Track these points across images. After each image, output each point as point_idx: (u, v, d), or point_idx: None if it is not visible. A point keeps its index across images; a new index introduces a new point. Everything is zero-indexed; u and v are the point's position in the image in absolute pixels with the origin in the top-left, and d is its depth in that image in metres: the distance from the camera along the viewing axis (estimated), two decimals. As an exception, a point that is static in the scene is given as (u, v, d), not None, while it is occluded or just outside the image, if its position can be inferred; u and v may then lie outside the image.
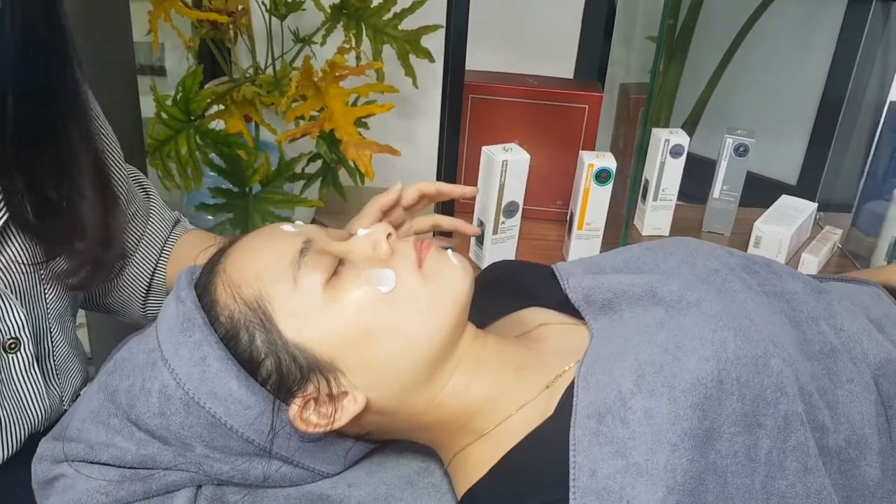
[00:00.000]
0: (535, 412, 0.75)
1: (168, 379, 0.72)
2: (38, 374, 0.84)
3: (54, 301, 0.86)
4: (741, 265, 0.87)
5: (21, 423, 0.83)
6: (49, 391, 0.86)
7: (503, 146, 1.32)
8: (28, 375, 0.83)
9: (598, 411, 0.70)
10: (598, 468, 0.67)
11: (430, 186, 1.03)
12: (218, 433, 0.73)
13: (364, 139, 1.80)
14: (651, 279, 0.82)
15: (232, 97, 1.94)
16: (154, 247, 1.00)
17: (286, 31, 2.09)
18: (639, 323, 0.79)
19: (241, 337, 0.72)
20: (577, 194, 1.35)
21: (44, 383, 0.85)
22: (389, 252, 0.77)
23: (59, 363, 0.88)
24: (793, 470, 0.69)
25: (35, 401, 0.85)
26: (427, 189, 1.03)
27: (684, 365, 0.70)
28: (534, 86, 1.48)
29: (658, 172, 1.47)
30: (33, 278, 0.82)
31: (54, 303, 0.86)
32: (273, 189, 1.90)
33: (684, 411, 0.68)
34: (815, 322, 0.82)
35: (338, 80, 1.87)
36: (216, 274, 0.76)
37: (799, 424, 0.70)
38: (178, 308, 0.74)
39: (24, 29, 0.68)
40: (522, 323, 0.88)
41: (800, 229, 1.45)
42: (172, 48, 2.37)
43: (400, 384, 0.74)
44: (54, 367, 0.88)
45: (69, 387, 0.90)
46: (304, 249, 0.74)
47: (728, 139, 1.46)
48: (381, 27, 1.98)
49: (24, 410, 0.83)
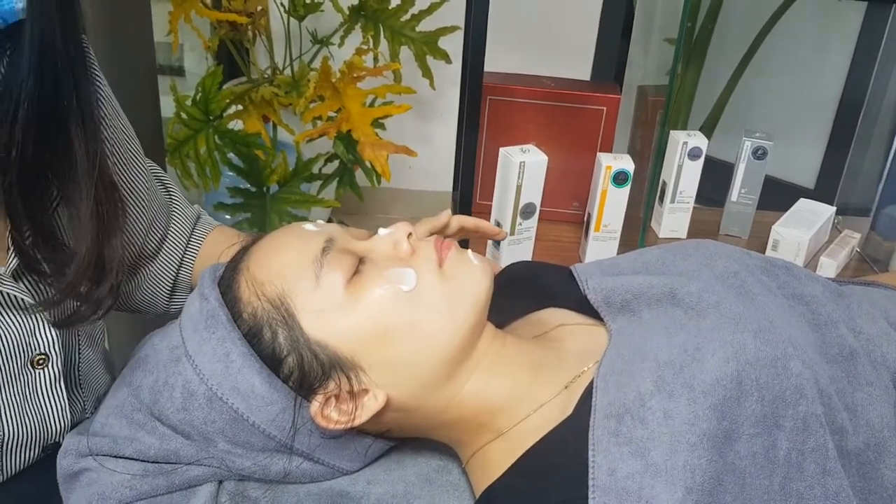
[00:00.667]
0: (553, 412, 0.75)
1: (191, 375, 0.73)
2: (62, 390, 0.82)
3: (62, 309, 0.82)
4: (760, 267, 0.87)
5: (40, 437, 0.81)
6: (72, 404, 0.85)
7: (521, 147, 1.32)
8: (53, 391, 0.81)
9: (618, 411, 0.70)
10: (617, 468, 0.67)
11: (470, 222, 1.05)
12: (240, 429, 0.73)
13: (381, 140, 1.81)
14: (670, 281, 0.82)
15: (250, 97, 1.95)
16: (178, 245, 1.00)
17: (304, 32, 2.10)
18: (658, 324, 0.79)
19: (263, 334, 0.73)
20: (595, 196, 1.35)
21: (67, 398, 0.83)
22: (410, 251, 0.78)
23: (84, 373, 0.87)
24: (811, 472, 0.69)
25: (57, 416, 0.82)
26: (467, 224, 1.05)
27: (704, 366, 0.70)
28: (551, 87, 1.48)
29: (676, 175, 1.47)
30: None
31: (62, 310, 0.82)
32: (290, 189, 1.92)
33: (704, 412, 0.68)
34: (834, 325, 0.82)
35: (355, 81, 1.88)
36: (239, 272, 0.77)
37: (818, 426, 0.70)
38: (201, 305, 0.75)
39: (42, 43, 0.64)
40: (541, 323, 0.89)
41: (818, 233, 1.44)
42: (192, 48, 2.39)
43: (420, 382, 0.75)
44: (78, 377, 0.86)
45: (92, 395, 0.89)
46: (327, 248, 0.75)
47: (746, 142, 1.46)
48: (399, 28, 1.99)
49: (45, 425, 0.81)
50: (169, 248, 0.99)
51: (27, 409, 0.79)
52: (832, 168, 2.65)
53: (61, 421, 0.82)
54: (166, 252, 0.99)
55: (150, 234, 0.95)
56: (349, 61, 1.87)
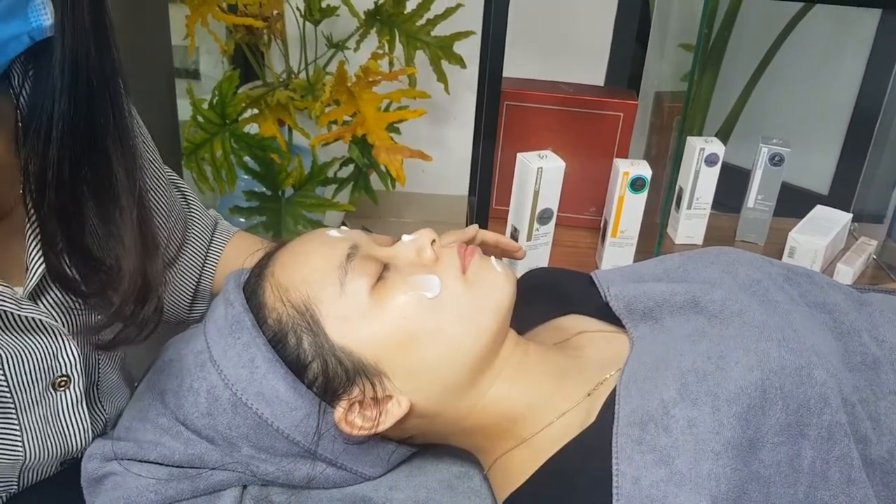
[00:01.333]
0: (576, 419, 0.75)
1: (216, 380, 0.73)
2: (84, 411, 0.79)
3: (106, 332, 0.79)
4: (782, 275, 0.87)
5: (61, 455, 0.80)
6: (95, 423, 0.82)
7: (538, 153, 1.32)
8: (74, 412, 0.79)
9: (641, 419, 0.70)
10: (641, 476, 0.67)
11: (491, 237, 1.04)
12: (264, 434, 0.74)
13: (396, 144, 1.82)
14: (693, 288, 0.82)
15: (266, 101, 1.96)
16: (198, 253, 1.00)
17: (320, 37, 2.11)
18: (681, 332, 0.79)
19: (288, 339, 0.74)
20: (612, 202, 1.35)
21: (89, 417, 0.81)
22: (434, 258, 0.78)
23: (104, 391, 0.85)
24: (836, 480, 0.69)
25: (78, 437, 0.80)
26: (487, 238, 1.03)
27: (728, 374, 0.70)
28: (569, 93, 1.49)
29: (693, 181, 1.47)
30: (85, 308, 0.77)
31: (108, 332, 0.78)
32: (305, 193, 1.92)
33: (728, 420, 0.68)
34: (856, 333, 0.82)
35: (371, 86, 1.88)
36: (264, 277, 0.77)
37: (843, 435, 0.70)
38: (226, 310, 0.76)
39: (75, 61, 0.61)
40: (562, 330, 0.89)
41: (834, 240, 1.44)
42: (208, 52, 2.40)
43: (443, 389, 0.75)
44: (98, 395, 0.84)
45: (114, 411, 0.86)
46: (351, 255, 0.76)
47: (763, 148, 1.46)
48: (415, 33, 2.00)
49: (66, 445, 0.80)
50: (189, 256, 0.99)
51: (48, 432, 0.77)
52: (847, 175, 2.64)
53: (82, 440, 0.81)
54: (186, 260, 0.99)
55: (170, 241, 0.95)
56: (364, 66, 1.88)
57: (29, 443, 0.75)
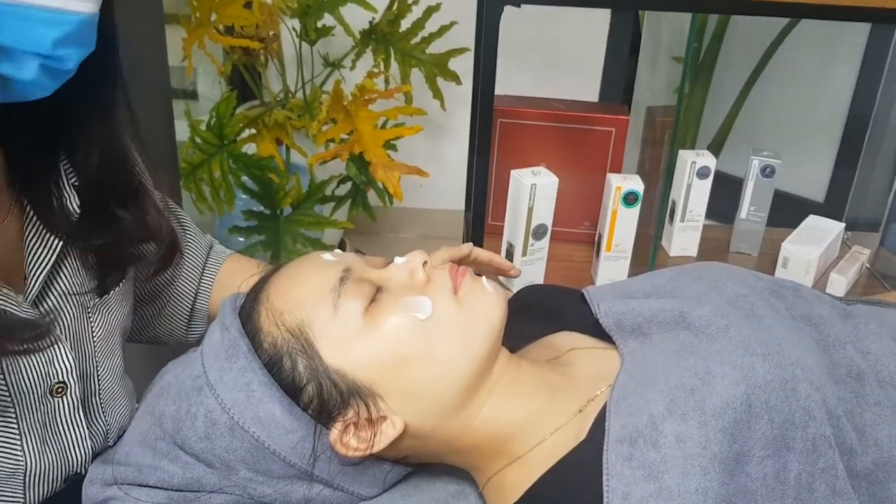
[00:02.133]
0: (568, 436, 0.77)
1: (213, 404, 0.75)
2: (82, 419, 0.82)
3: (103, 338, 0.85)
4: (769, 290, 0.89)
5: (62, 467, 0.82)
6: (92, 434, 0.85)
7: (531, 169, 1.34)
8: (72, 419, 0.81)
9: (630, 435, 0.71)
10: (631, 492, 0.68)
11: (484, 255, 1.08)
12: (261, 457, 0.75)
13: (393, 161, 1.83)
14: (680, 304, 0.83)
15: (263, 121, 1.98)
16: (193, 274, 1.02)
17: (316, 56, 2.13)
18: (669, 348, 0.80)
19: (283, 363, 0.75)
20: (605, 217, 1.37)
21: (87, 427, 0.83)
22: (426, 279, 0.80)
23: (105, 402, 0.87)
24: (822, 493, 0.70)
25: (77, 446, 0.83)
26: (480, 256, 1.07)
27: (714, 389, 0.72)
28: (561, 109, 1.50)
29: (685, 194, 1.48)
30: (80, 317, 0.82)
31: (102, 340, 0.85)
32: (304, 211, 1.94)
33: (715, 435, 0.69)
34: (842, 346, 0.83)
35: (367, 104, 1.90)
36: (259, 302, 0.79)
37: (827, 447, 0.71)
38: (223, 335, 0.77)
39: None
40: (553, 347, 0.90)
41: (828, 250, 1.45)
42: (205, 73, 2.42)
43: (437, 409, 0.76)
44: (100, 405, 0.86)
45: (115, 424, 0.88)
46: (344, 278, 0.77)
47: (754, 160, 1.48)
48: (410, 51, 2.02)
49: (66, 455, 0.82)
50: (184, 279, 1.01)
51: (48, 440, 0.79)
52: (843, 182, 2.66)
53: (82, 451, 0.83)
54: (182, 282, 1.01)
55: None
56: (361, 84, 1.90)
57: (29, 449, 0.77)
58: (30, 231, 0.76)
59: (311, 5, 2.00)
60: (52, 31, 0.59)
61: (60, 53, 0.60)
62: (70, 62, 0.62)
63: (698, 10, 1.42)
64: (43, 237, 0.77)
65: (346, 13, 1.99)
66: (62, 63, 0.61)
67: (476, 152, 1.37)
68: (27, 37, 0.58)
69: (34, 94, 0.63)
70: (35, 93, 0.63)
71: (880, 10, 1.16)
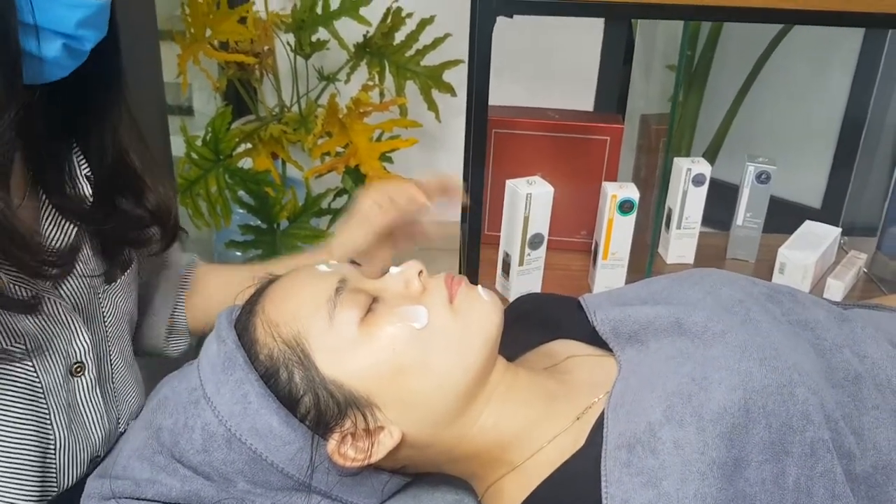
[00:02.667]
0: (566, 444, 0.77)
1: (210, 416, 0.75)
2: (99, 397, 0.86)
3: (113, 323, 0.89)
4: (765, 295, 0.89)
5: (85, 447, 0.85)
6: (108, 414, 0.88)
7: (527, 179, 1.34)
8: (91, 399, 0.86)
9: (628, 442, 0.71)
10: (630, 498, 0.68)
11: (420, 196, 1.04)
12: (259, 469, 0.75)
13: (389, 173, 1.84)
14: (676, 310, 0.83)
15: (259, 136, 1.98)
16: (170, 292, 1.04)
17: (311, 70, 2.13)
18: (665, 354, 0.80)
19: (280, 374, 0.75)
20: (601, 225, 1.37)
21: (104, 406, 0.87)
22: (421, 289, 0.80)
23: (118, 386, 0.90)
24: (821, 497, 0.70)
25: (97, 424, 0.87)
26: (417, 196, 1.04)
27: (711, 395, 0.72)
28: (556, 119, 1.51)
29: (681, 201, 1.49)
30: (93, 300, 0.86)
31: (113, 325, 0.89)
32: (300, 224, 1.94)
33: (713, 440, 0.69)
34: (839, 350, 0.83)
35: (362, 117, 1.91)
36: (255, 314, 0.79)
37: (825, 451, 0.71)
38: (219, 347, 0.77)
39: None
40: (551, 355, 0.90)
41: (824, 255, 1.46)
42: (200, 88, 2.43)
43: (434, 418, 0.76)
44: (112, 389, 0.90)
45: (126, 409, 0.92)
46: (340, 288, 0.77)
47: (750, 167, 1.48)
48: (404, 64, 2.02)
49: (88, 434, 0.86)
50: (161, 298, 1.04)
51: (72, 417, 0.84)
52: (839, 188, 2.66)
53: (100, 429, 0.87)
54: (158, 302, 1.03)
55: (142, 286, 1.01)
56: (356, 97, 1.90)
57: (57, 425, 0.82)
58: (46, 216, 0.81)
59: (306, 20, 2.00)
60: (76, 13, 0.67)
61: (81, 34, 0.69)
62: (88, 43, 0.70)
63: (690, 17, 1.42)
64: (58, 222, 0.81)
65: (341, 27, 2.00)
66: (81, 43, 0.69)
67: (471, 163, 1.37)
68: (53, 17, 0.67)
69: (55, 73, 0.71)
70: (55, 72, 0.70)
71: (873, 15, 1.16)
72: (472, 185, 1.39)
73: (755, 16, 1.17)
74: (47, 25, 0.67)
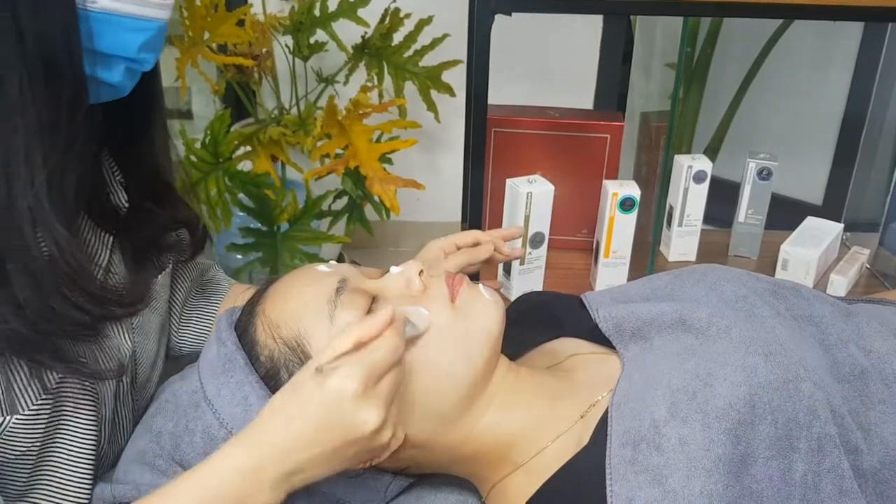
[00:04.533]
0: (570, 442, 0.76)
1: (211, 419, 0.74)
2: (131, 403, 0.85)
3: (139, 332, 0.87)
4: (768, 290, 0.88)
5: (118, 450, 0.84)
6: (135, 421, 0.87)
7: (527, 178, 1.33)
8: (124, 405, 0.84)
9: (633, 439, 0.71)
10: (635, 496, 0.67)
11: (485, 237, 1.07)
12: (260, 471, 0.74)
13: (389, 174, 1.83)
14: (680, 307, 0.83)
15: (258, 138, 1.97)
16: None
17: (309, 72, 2.13)
18: (669, 351, 0.80)
19: (281, 376, 0.74)
20: (603, 223, 1.36)
21: (133, 416, 0.86)
22: (422, 289, 0.79)
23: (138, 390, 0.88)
24: (828, 492, 0.69)
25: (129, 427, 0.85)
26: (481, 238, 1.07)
27: (716, 391, 0.71)
28: (555, 117, 1.50)
29: (682, 199, 1.48)
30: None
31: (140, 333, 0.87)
32: (301, 227, 1.93)
33: (718, 437, 0.68)
34: (844, 345, 0.83)
35: (361, 118, 1.90)
36: (255, 315, 0.78)
37: (832, 447, 0.70)
38: (219, 349, 0.77)
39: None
40: (553, 354, 0.90)
41: (827, 250, 1.45)
42: (199, 92, 2.42)
43: (436, 418, 0.76)
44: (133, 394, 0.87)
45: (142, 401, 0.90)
46: (340, 288, 0.77)
47: (751, 163, 1.47)
48: (403, 65, 2.02)
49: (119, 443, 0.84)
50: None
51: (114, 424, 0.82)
52: (840, 184, 2.65)
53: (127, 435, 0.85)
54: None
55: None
56: (355, 99, 1.90)
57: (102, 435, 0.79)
58: (84, 226, 0.80)
59: (304, 21, 2.00)
60: (138, 37, 0.68)
61: (142, 56, 0.69)
62: (148, 64, 0.71)
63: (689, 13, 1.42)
64: (96, 231, 0.80)
65: (339, 28, 1.99)
66: (142, 65, 0.70)
67: (471, 162, 1.37)
68: (118, 42, 0.67)
69: (117, 94, 0.72)
70: (117, 93, 0.71)
71: (871, 8, 1.16)
72: (473, 185, 1.38)
73: (754, 10, 1.17)
74: (112, 51, 0.68)
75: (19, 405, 0.68)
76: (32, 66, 0.62)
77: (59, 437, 0.74)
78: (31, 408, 0.69)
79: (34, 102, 0.63)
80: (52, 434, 0.73)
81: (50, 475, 0.74)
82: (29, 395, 0.69)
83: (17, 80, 0.62)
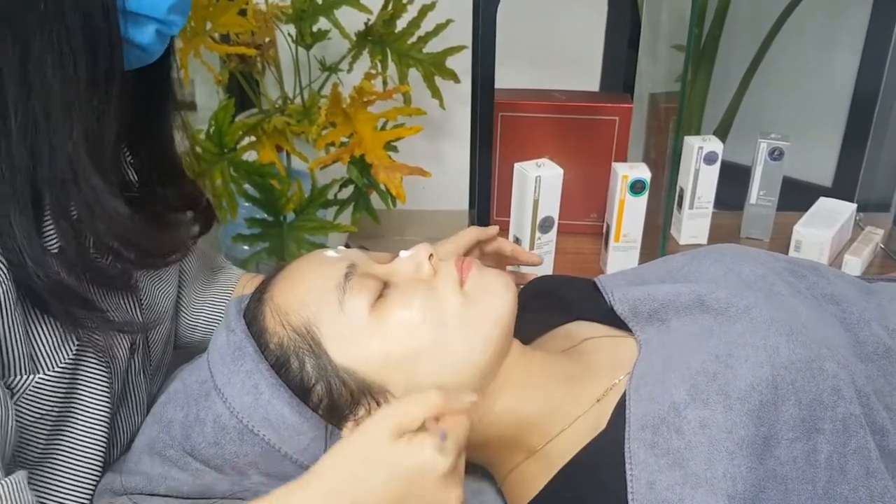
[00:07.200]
0: (587, 426, 0.75)
1: (222, 408, 0.73)
2: (142, 381, 0.84)
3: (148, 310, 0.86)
4: (787, 269, 0.86)
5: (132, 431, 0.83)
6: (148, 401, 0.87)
7: (535, 162, 1.32)
8: (139, 380, 0.83)
9: (653, 422, 0.69)
10: (656, 480, 0.66)
11: (508, 247, 1.07)
12: (272, 460, 0.73)
13: (394, 162, 1.81)
14: (698, 287, 0.81)
15: (263, 128, 1.96)
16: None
17: (312, 61, 2.11)
18: (687, 332, 0.78)
19: (291, 363, 0.73)
20: (613, 206, 1.35)
21: (147, 396, 0.85)
22: (432, 272, 0.78)
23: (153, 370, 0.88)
24: (854, 474, 0.68)
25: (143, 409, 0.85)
26: (504, 248, 1.07)
27: (737, 372, 0.69)
28: (562, 100, 1.48)
29: (693, 180, 1.46)
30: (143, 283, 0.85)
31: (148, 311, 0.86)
32: (307, 216, 1.92)
33: (741, 419, 0.67)
34: (866, 323, 0.81)
35: (366, 106, 1.89)
36: (264, 302, 0.77)
37: (858, 427, 0.69)
38: (228, 338, 0.75)
39: None
40: (568, 337, 0.88)
41: (840, 231, 1.43)
42: (202, 83, 2.41)
43: None
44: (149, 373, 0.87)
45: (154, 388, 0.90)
46: (349, 274, 0.75)
47: (762, 143, 1.45)
48: (406, 51, 2.00)
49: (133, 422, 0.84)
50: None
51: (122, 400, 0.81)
52: (850, 165, 2.63)
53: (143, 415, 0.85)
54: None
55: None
56: (358, 86, 1.88)
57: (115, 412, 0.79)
58: None
59: (306, 10, 1.98)
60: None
61: (171, 19, 0.70)
62: (176, 27, 0.72)
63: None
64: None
65: (341, 16, 1.97)
66: (171, 28, 0.72)
67: (478, 147, 1.35)
68: (147, 3, 0.68)
69: (145, 58, 0.72)
70: (146, 58, 0.72)
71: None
72: (480, 170, 1.37)
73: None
74: (142, 11, 0.68)
75: (44, 365, 0.69)
76: (71, 21, 0.63)
77: (75, 406, 0.73)
78: (57, 369, 0.70)
79: (73, 55, 0.64)
80: (68, 404, 0.73)
81: (63, 443, 0.74)
82: (57, 356, 0.70)
83: (54, 35, 0.63)
